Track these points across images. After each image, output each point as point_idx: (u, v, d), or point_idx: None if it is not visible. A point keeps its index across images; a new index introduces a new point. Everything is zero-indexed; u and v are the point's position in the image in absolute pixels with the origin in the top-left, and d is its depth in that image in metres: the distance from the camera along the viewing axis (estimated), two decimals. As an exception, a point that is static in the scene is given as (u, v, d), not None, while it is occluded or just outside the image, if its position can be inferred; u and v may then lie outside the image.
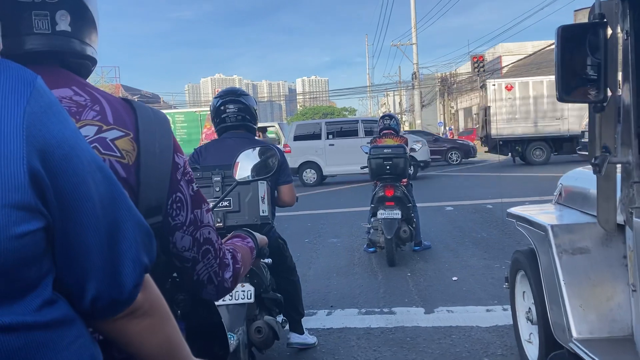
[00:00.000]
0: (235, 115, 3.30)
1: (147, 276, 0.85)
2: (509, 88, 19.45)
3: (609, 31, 2.03)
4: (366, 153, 6.58)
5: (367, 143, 6.96)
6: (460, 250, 6.66)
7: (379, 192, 6.22)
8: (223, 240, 1.44)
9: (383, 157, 6.12)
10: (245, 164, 2.07)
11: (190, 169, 1.14)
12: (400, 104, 63.94)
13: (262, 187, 2.85)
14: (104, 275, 0.76)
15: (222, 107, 3.33)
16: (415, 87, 46.75)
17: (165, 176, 1.05)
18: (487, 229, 7.86)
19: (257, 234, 1.54)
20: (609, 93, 2.04)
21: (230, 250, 1.25)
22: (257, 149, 2.11)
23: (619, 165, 2.18)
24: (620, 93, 2.08)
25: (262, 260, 3.00)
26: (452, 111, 51.77)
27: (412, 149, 7.15)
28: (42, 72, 0.97)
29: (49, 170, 0.69)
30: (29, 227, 0.67)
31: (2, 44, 0.82)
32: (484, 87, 20.72)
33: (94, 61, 1.12)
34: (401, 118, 60.79)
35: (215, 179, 2.77)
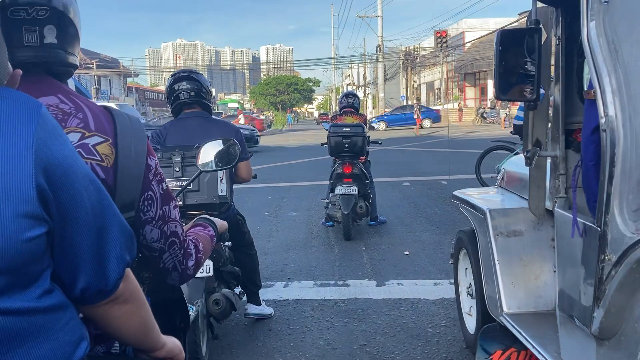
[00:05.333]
0: (189, 92, 3.38)
1: (128, 269, 1.00)
2: None
3: (544, 36, 2.22)
4: (326, 130, 6.75)
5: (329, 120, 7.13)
6: (414, 226, 6.94)
7: (337, 168, 6.41)
8: (186, 228, 1.58)
9: (342, 135, 6.29)
10: (208, 150, 2.20)
11: (161, 170, 1.27)
12: (364, 76, 64.04)
13: (221, 167, 2.97)
14: (92, 270, 0.91)
15: (175, 86, 3.41)
16: (379, 60, 46.92)
17: (139, 177, 1.18)
18: (440, 205, 8.18)
19: (217, 221, 1.68)
20: (542, 93, 2.24)
21: (193, 240, 1.39)
22: (220, 140, 2.23)
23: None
24: (551, 93, 2.29)
25: (222, 243, 3.16)
26: (415, 85, 52.22)
27: (372, 127, 7.33)
28: (31, 81, 1.10)
29: (52, 185, 0.82)
30: (36, 233, 0.81)
31: (11, 68, 0.93)
32: None
33: (75, 67, 1.23)
34: (364, 90, 61.03)
35: (175, 159, 2.88)
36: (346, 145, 6.31)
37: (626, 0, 1.53)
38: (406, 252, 5.71)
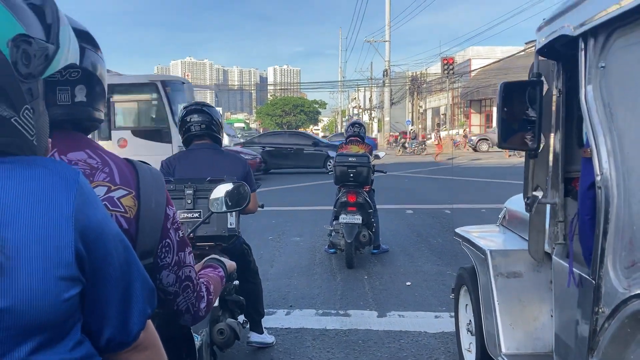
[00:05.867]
0: (199, 124, 3.49)
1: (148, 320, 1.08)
2: None
3: (545, 87, 2.31)
4: (332, 158, 6.87)
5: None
6: (416, 255, 6.99)
7: (342, 197, 6.50)
8: (197, 268, 1.66)
9: (347, 165, 6.40)
10: (220, 190, 2.30)
11: (178, 219, 1.35)
12: (370, 99, 64.51)
13: (231, 201, 3.06)
14: (117, 322, 0.99)
15: (187, 117, 3.52)
16: (386, 84, 47.31)
17: (159, 226, 1.27)
18: (443, 234, 8.23)
19: (226, 261, 1.76)
20: (542, 142, 2.33)
21: (205, 283, 1.47)
22: (230, 182, 2.33)
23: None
24: (552, 142, 2.37)
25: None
26: (421, 110, 52.55)
27: (377, 156, 7.44)
28: (61, 136, 1.19)
29: (87, 247, 0.91)
30: (73, 293, 0.89)
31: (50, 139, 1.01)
32: None
33: (101, 121, 1.33)
34: (370, 114, 61.42)
35: (187, 191, 2.96)
36: (351, 175, 6.41)
37: (621, 68, 1.63)
38: (408, 283, 5.76)
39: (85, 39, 1.24)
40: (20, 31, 0.86)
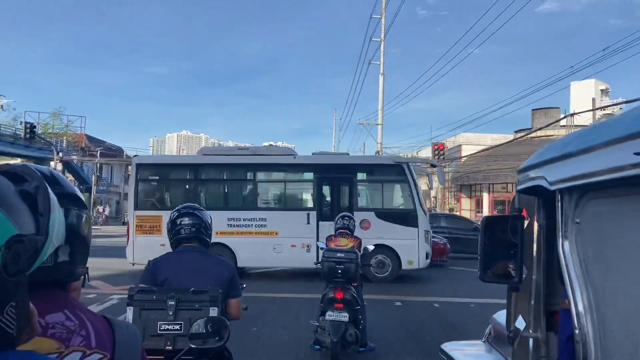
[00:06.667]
0: (190, 228, 3.51)
1: None
2: None
3: (526, 223, 2.37)
4: (321, 249, 6.84)
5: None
6: (404, 355, 6.83)
7: (329, 293, 6.41)
8: None
9: (335, 260, 6.35)
10: (198, 325, 2.30)
11: None
12: (362, 180, 65.19)
13: (214, 312, 3.02)
14: None
15: (177, 220, 3.53)
16: (378, 166, 47.97)
17: None
18: (432, 331, 8.08)
19: None
20: (524, 275, 2.35)
21: None
22: (207, 317, 2.33)
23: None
24: (534, 276, 2.40)
25: None
26: (412, 192, 53.04)
27: (366, 249, 7.43)
28: (41, 297, 1.19)
29: None
30: None
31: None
32: None
33: (83, 273, 1.34)
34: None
35: (169, 303, 2.93)
36: (339, 271, 6.34)
37: (595, 227, 1.67)
38: (393, 388, 5.59)
39: (72, 200, 1.27)
40: (14, 232, 0.88)
